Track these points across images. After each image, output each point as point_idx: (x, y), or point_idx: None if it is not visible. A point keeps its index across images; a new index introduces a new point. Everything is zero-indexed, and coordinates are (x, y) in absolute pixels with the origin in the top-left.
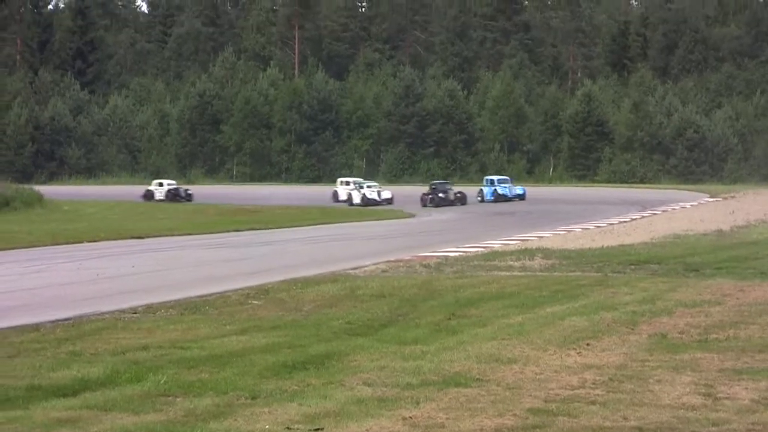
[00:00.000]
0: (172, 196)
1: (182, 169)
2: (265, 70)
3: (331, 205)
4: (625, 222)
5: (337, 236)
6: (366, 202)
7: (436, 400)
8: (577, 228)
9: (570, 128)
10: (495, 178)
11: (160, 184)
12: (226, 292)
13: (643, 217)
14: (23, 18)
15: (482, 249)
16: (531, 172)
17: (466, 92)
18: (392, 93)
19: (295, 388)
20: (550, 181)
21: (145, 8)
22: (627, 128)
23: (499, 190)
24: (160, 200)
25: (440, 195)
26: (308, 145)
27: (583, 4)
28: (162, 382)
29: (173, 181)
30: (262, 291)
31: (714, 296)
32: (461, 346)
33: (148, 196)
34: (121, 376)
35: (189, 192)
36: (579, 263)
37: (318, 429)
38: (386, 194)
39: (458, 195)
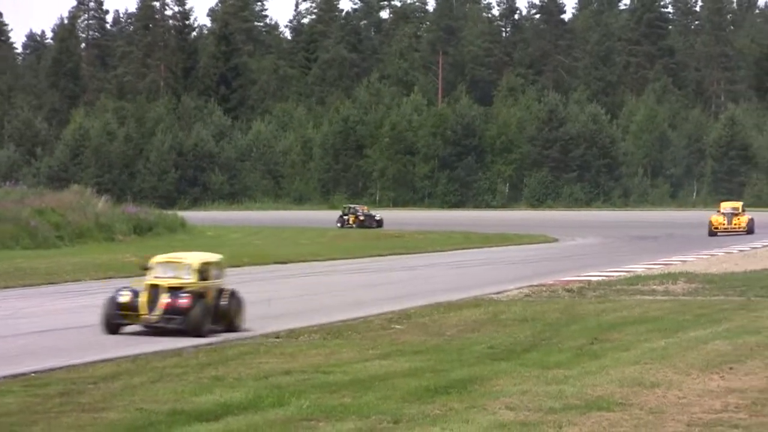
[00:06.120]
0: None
1: (325, 194)
2: (408, 95)
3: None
4: None
5: (479, 261)
6: None
7: (578, 424)
8: (720, 252)
9: (714, 152)
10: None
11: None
12: (368, 316)
13: None
14: (167, 44)
15: (625, 273)
16: (674, 197)
17: (609, 116)
18: (536, 117)
19: (438, 412)
20: (694, 206)
21: (288, 34)
22: None
23: None
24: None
25: None
26: (451, 171)
27: (726, 28)
28: (305, 406)
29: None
30: (404, 315)
31: None
32: (604, 370)
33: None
34: (264, 400)
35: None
36: (722, 287)
37: None
38: None
39: None
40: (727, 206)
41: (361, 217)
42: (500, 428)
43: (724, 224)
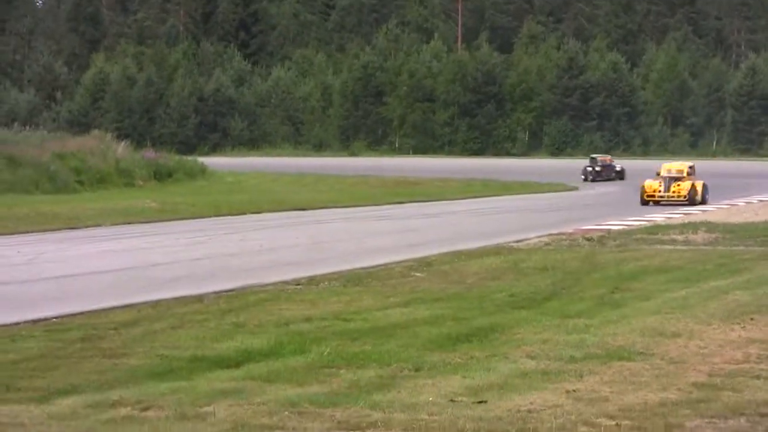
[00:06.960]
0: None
1: (345, 141)
2: (428, 42)
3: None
4: None
5: (500, 209)
6: None
7: (599, 373)
8: (741, 202)
9: (734, 102)
10: None
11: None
12: (388, 264)
13: None
14: None
15: (645, 222)
16: (694, 146)
17: (629, 65)
18: (556, 66)
19: (459, 360)
20: (714, 155)
21: None
22: None
23: None
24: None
25: None
26: (471, 118)
27: None
28: (325, 353)
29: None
30: (424, 263)
31: None
32: (624, 319)
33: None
34: (285, 347)
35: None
36: (743, 237)
37: (481, 401)
38: None
39: None
40: (671, 168)
41: (598, 168)
42: (521, 377)
43: (659, 191)
